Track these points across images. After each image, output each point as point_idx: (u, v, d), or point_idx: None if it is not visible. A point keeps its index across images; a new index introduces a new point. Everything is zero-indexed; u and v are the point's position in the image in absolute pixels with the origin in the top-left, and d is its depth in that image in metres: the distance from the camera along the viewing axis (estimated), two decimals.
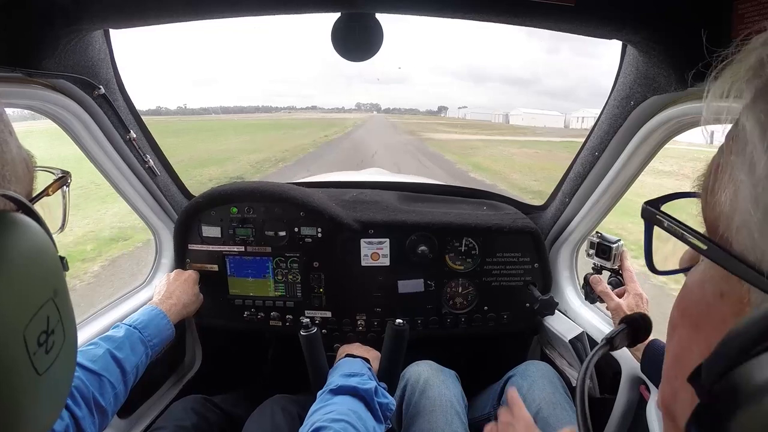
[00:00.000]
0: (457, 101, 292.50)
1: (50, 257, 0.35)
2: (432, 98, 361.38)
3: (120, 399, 0.86)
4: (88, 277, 4.17)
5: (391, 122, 63.22)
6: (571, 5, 0.72)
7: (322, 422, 0.76)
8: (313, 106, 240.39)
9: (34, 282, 0.33)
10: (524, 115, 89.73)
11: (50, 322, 0.34)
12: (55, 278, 0.36)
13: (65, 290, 0.37)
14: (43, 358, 0.33)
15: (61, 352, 0.35)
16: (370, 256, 1.25)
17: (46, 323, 0.33)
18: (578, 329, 1.17)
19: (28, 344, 0.31)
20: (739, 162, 0.23)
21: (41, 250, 0.34)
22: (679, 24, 0.72)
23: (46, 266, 0.34)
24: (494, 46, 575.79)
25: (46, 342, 0.33)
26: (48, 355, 0.33)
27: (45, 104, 0.88)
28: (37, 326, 0.32)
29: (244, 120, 63.41)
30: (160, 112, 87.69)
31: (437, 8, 0.80)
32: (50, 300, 0.34)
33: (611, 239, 1.11)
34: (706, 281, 0.27)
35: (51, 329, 0.34)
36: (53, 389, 0.35)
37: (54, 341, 0.34)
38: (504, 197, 1.48)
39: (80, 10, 0.77)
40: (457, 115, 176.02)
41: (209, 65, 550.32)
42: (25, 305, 0.32)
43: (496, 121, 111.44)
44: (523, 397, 1.04)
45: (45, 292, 0.34)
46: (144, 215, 1.25)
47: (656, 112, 0.88)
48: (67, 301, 0.37)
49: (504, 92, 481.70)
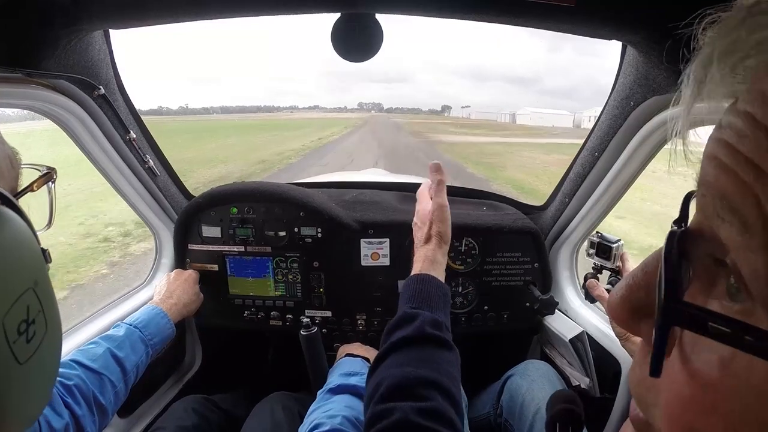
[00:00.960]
0: (458, 100, 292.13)
1: (30, 249, 0.35)
2: (434, 97, 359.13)
3: (120, 398, 0.86)
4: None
5: (394, 122, 59.83)
6: (570, 5, 0.72)
7: (320, 419, 0.77)
8: (315, 106, 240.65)
9: (12, 272, 0.33)
10: (532, 115, 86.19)
11: (30, 311, 0.34)
12: (36, 269, 0.36)
13: (47, 281, 0.37)
14: (24, 347, 0.33)
15: (43, 342, 0.35)
16: (370, 256, 1.25)
17: (26, 312, 0.33)
18: (578, 329, 1.17)
19: (7, 332, 0.31)
20: None
21: (21, 241, 0.34)
22: (679, 24, 0.72)
23: (26, 257, 0.34)
24: (496, 45, 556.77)
25: (27, 331, 0.33)
26: (29, 344, 0.34)
27: (45, 104, 0.88)
28: (17, 315, 0.32)
29: (240, 120, 62.15)
30: (161, 112, 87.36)
31: (437, 8, 0.80)
32: (30, 289, 0.34)
33: (611, 239, 1.11)
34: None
35: (32, 319, 0.34)
36: (36, 379, 0.35)
37: (35, 331, 0.34)
38: (504, 197, 1.48)
39: (80, 10, 0.77)
40: (461, 114, 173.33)
41: (212, 64, 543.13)
42: (2, 294, 0.32)
43: (502, 120, 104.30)
44: (522, 397, 1.04)
45: (24, 282, 0.34)
46: (144, 215, 1.25)
47: (656, 112, 0.88)
48: (50, 292, 0.37)
49: (506, 91, 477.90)
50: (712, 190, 0.20)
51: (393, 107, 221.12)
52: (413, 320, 0.70)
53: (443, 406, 0.58)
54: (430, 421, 0.54)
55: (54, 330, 0.38)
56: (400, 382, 0.60)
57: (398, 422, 0.54)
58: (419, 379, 0.60)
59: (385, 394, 0.59)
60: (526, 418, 1.00)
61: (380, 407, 0.57)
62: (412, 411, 0.55)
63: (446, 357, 0.68)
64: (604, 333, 1.14)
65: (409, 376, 0.61)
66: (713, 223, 0.19)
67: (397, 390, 0.59)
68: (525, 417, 1.00)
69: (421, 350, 0.67)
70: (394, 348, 0.67)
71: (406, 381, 0.60)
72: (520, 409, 1.03)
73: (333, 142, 24.94)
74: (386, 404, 0.57)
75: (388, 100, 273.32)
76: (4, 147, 0.42)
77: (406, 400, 0.57)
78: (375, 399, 0.60)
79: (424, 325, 0.70)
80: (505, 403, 1.09)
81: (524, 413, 1.01)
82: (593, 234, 1.15)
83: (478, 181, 11.62)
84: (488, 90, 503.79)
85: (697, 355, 0.20)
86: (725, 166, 0.19)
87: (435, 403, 0.58)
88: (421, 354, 0.66)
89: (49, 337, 0.36)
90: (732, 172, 0.18)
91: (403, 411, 0.55)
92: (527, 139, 32.97)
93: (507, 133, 42.51)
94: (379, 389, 0.60)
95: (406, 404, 0.56)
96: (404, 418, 0.54)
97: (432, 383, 0.60)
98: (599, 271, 1.13)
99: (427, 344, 0.68)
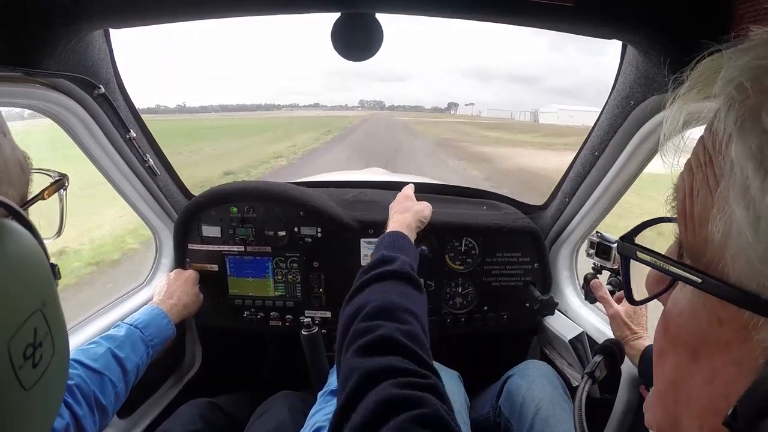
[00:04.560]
0: (460, 98, 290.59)
1: (39, 266, 0.33)
2: (436, 95, 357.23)
3: (120, 398, 0.86)
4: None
5: (401, 122, 48.47)
6: (570, 5, 0.72)
7: (321, 423, 0.76)
8: (316, 104, 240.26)
9: (19, 292, 0.31)
10: (559, 113, 74.96)
11: (37, 334, 0.32)
12: (44, 288, 0.34)
13: (55, 300, 0.35)
14: (30, 373, 0.31)
15: (50, 365, 0.34)
16: (370, 256, 1.25)
17: (33, 335, 0.32)
18: (578, 329, 1.17)
19: (12, 358, 0.29)
20: (732, 194, 0.23)
21: (28, 258, 0.32)
22: (679, 24, 0.72)
23: (33, 276, 0.33)
24: (499, 43, 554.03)
25: (33, 355, 0.32)
26: (35, 369, 0.32)
27: (45, 104, 0.88)
28: (23, 339, 0.31)
29: (236, 120, 54.85)
30: (159, 111, 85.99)
31: (437, 8, 0.80)
32: (38, 311, 0.32)
33: (611, 239, 1.11)
34: (697, 308, 0.26)
35: (39, 342, 0.32)
36: (42, 405, 0.33)
37: (42, 354, 0.33)
38: (504, 197, 1.48)
39: (80, 10, 0.77)
40: (470, 112, 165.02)
41: (211, 62, 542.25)
42: (9, 317, 0.30)
43: (522, 119, 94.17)
44: (522, 397, 1.04)
45: (32, 302, 0.32)
46: (144, 215, 1.25)
47: (656, 112, 0.88)
48: (58, 312, 0.35)
49: (512, 89, 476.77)
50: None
51: (395, 105, 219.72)
52: (394, 260, 0.75)
53: (421, 333, 0.61)
54: (410, 341, 0.57)
55: (61, 352, 0.36)
56: (385, 306, 0.63)
57: (383, 336, 0.57)
58: (402, 306, 0.64)
59: (370, 313, 0.62)
60: (526, 417, 1.00)
61: (364, 324, 0.60)
62: (396, 330, 0.58)
63: (422, 299, 0.73)
64: (604, 333, 1.14)
65: (394, 301, 0.64)
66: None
67: (382, 311, 0.62)
68: (525, 417, 1.00)
69: (402, 286, 0.71)
70: (377, 279, 0.72)
71: (391, 305, 0.63)
72: (520, 408, 1.03)
73: (323, 148, 17.02)
74: (371, 322, 0.60)
75: (389, 97, 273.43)
76: (15, 152, 0.39)
77: (391, 321, 0.60)
78: (359, 318, 0.62)
79: (405, 264, 0.75)
80: (505, 403, 1.09)
81: (524, 413, 1.01)
82: (593, 234, 1.15)
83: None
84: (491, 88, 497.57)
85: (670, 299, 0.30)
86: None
87: (415, 328, 0.61)
88: (401, 289, 0.70)
89: (56, 360, 0.34)
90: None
91: (388, 328, 0.58)
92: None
93: (559, 137, 31.77)
94: (363, 310, 0.63)
95: (390, 324, 0.59)
96: (389, 334, 0.57)
97: (412, 313, 0.64)
98: (599, 271, 1.13)
99: (408, 282, 0.72)
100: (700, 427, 0.25)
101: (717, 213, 0.24)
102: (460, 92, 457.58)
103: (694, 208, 0.26)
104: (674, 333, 0.28)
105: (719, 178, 0.24)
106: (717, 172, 0.24)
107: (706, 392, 0.25)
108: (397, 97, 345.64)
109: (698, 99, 0.27)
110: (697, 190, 0.26)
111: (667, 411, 0.29)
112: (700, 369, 0.26)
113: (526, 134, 37.18)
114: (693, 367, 0.26)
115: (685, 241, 0.27)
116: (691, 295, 0.27)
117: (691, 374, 0.26)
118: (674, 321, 0.28)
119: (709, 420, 0.25)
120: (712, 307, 0.25)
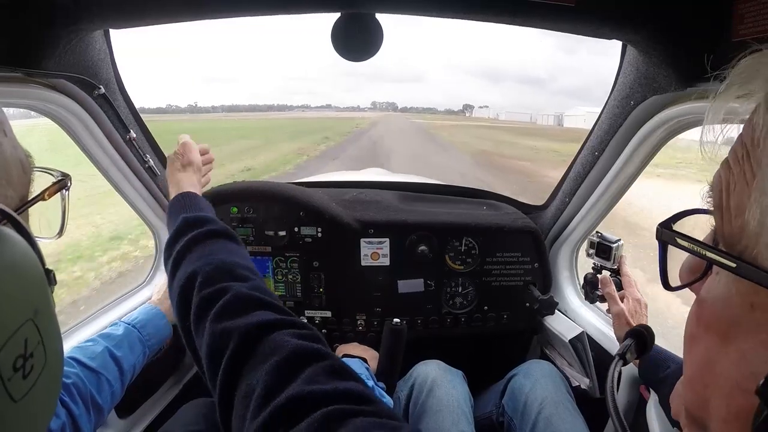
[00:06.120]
0: (472, 100, 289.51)
1: (32, 274, 0.32)
2: (448, 97, 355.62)
3: (116, 398, 0.85)
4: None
5: (418, 126, 41.99)
6: (570, 5, 0.72)
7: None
8: (328, 105, 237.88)
9: (8, 304, 0.30)
10: (587, 116, 68.62)
11: (29, 344, 0.31)
12: (37, 296, 0.32)
13: (48, 307, 0.34)
14: (20, 384, 0.30)
15: (41, 376, 0.32)
16: (369, 256, 1.25)
17: (23, 346, 0.30)
18: (578, 329, 1.17)
19: (1, 370, 0.28)
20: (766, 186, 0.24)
21: (21, 266, 0.31)
22: (679, 24, 0.72)
23: (25, 284, 0.31)
24: (510, 44, 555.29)
25: (24, 366, 0.30)
26: (26, 380, 0.31)
27: (45, 104, 0.88)
28: (12, 350, 0.29)
29: (238, 121, 52.52)
30: (168, 110, 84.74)
31: (437, 8, 0.80)
32: (29, 321, 0.31)
33: (611, 239, 1.11)
34: (730, 294, 0.27)
35: (29, 352, 0.31)
36: (32, 417, 0.32)
37: (33, 365, 0.31)
38: (504, 197, 1.48)
39: (80, 10, 0.77)
40: (487, 115, 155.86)
41: (222, 63, 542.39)
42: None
43: (546, 122, 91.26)
44: (525, 396, 1.04)
45: (23, 313, 0.31)
46: (144, 215, 1.25)
47: (656, 111, 0.88)
48: (51, 318, 0.34)
49: (521, 91, 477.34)
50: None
51: (408, 106, 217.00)
52: (203, 221, 0.71)
53: (264, 285, 0.60)
54: (265, 295, 0.55)
55: (54, 360, 0.34)
56: (220, 267, 0.60)
57: (235, 296, 0.54)
58: (236, 264, 0.61)
59: (208, 279, 0.58)
60: (529, 417, 1.00)
61: (208, 291, 0.56)
62: (243, 287, 0.56)
63: (243, 250, 0.70)
64: (604, 333, 1.14)
65: (226, 261, 0.61)
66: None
67: (219, 273, 0.59)
68: (528, 416, 1.01)
69: (221, 243, 0.68)
70: (195, 242, 0.67)
71: (226, 265, 0.60)
72: (523, 408, 1.03)
73: (320, 158, 14.49)
74: (215, 286, 0.57)
75: (402, 99, 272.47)
76: (16, 151, 0.38)
77: (234, 281, 0.58)
78: (197, 288, 0.58)
79: (215, 222, 0.72)
80: (508, 402, 1.10)
81: (527, 412, 1.01)
82: (593, 234, 1.15)
83: None
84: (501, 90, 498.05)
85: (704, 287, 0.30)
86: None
87: (259, 282, 0.59)
88: (224, 246, 0.67)
89: (48, 369, 0.33)
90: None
91: (235, 288, 0.55)
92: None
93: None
94: (196, 278, 0.59)
95: (234, 283, 0.57)
96: (240, 291, 0.54)
97: (247, 268, 0.62)
98: (599, 271, 1.13)
99: (227, 238, 0.69)
100: (727, 406, 0.26)
101: (753, 203, 0.25)
102: (470, 93, 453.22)
103: (730, 200, 0.27)
104: (707, 318, 0.29)
105: (756, 171, 0.25)
106: (754, 165, 0.25)
107: (735, 373, 0.26)
108: (410, 99, 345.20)
109: (737, 96, 0.28)
110: (734, 183, 0.27)
111: (697, 394, 0.30)
112: (729, 352, 0.26)
113: (578, 144, 34.35)
114: (723, 350, 0.27)
115: (721, 231, 0.28)
116: (725, 281, 0.28)
117: (720, 357, 0.27)
118: (708, 307, 0.29)
119: (735, 399, 0.25)
120: (745, 292, 0.25)
